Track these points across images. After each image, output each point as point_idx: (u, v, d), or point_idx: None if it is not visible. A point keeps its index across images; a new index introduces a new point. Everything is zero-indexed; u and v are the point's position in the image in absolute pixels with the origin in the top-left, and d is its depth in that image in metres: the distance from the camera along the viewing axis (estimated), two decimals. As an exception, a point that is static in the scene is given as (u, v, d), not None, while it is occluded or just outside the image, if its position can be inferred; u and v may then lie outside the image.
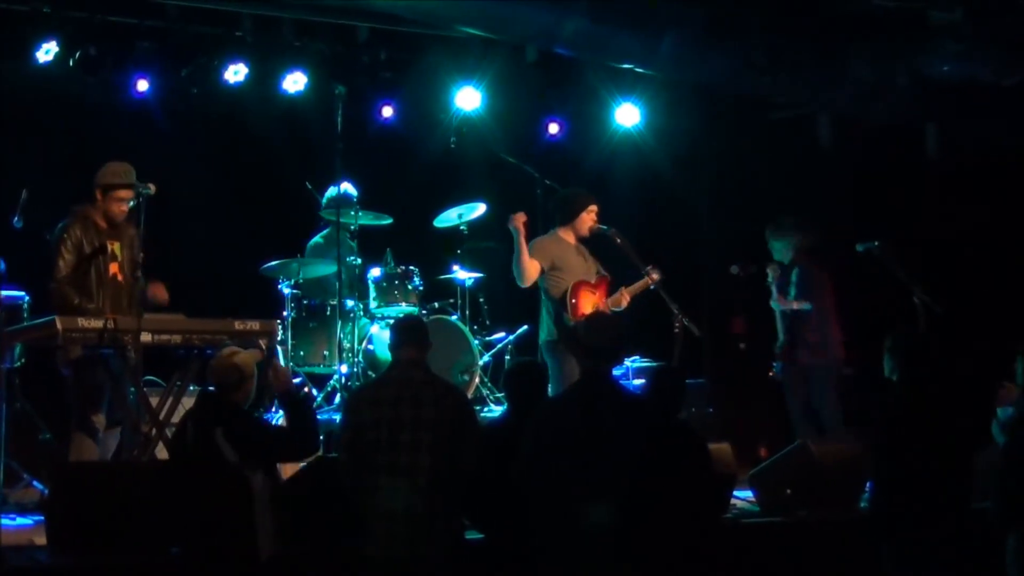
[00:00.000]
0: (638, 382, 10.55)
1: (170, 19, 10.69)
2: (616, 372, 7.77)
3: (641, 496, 6.28)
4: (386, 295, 10.60)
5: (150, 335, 7.98)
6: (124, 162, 8.50)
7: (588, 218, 9.71)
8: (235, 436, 6.66)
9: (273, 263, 10.33)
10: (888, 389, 7.24)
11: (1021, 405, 7.17)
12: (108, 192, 8.41)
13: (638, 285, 9.78)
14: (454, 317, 10.89)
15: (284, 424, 7.33)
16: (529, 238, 9.65)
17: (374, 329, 10.57)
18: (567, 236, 9.75)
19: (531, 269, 9.52)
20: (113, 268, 8.40)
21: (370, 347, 10.53)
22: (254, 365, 7.01)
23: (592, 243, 9.86)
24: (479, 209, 11.12)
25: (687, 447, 7.10)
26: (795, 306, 10.36)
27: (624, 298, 9.74)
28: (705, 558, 6.96)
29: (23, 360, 9.15)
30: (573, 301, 9.48)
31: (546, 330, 9.62)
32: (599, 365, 6.51)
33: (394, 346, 7.00)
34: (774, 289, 10.47)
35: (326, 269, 10.60)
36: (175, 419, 8.03)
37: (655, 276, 9.77)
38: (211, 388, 7.00)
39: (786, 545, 8.62)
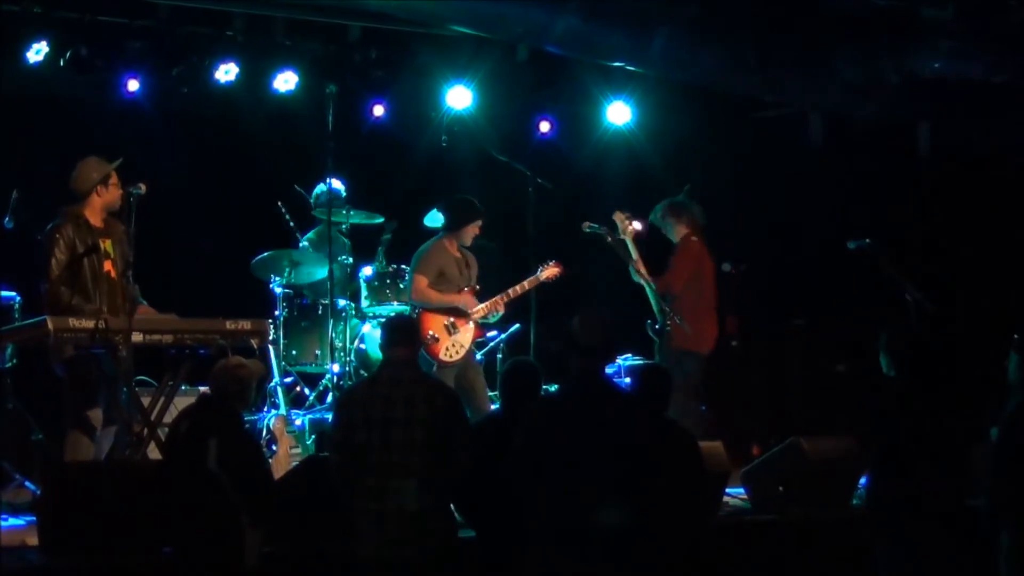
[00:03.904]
0: (628, 380, 10.54)
1: (160, 19, 10.67)
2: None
3: (635, 494, 6.28)
4: (378, 294, 10.60)
5: (141, 335, 7.98)
6: (90, 156, 8.52)
7: (473, 230, 9.95)
8: (226, 453, 6.68)
9: (264, 254, 10.34)
10: (884, 386, 7.24)
11: (1012, 402, 7.17)
12: (106, 184, 8.40)
13: (523, 284, 9.97)
14: (446, 316, 10.88)
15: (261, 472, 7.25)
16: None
17: (366, 328, 10.57)
18: (450, 244, 9.96)
19: (421, 286, 9.82)
20: (107, 266, 8.38)
21: (362, 346, 10.53)
22: (256, 377, 7.05)
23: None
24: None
25: (677, 445, 7.11)
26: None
27: (498, 304, 9.93)
28: (697, 556, 6.97)
29: (15, 360, 9.15)
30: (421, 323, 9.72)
31: None
32: (592, 363, 6.51)
33: (385, 345, 6.99)
34: None
35: (318, 272, 10.59)
36: (167, 419, 8.03)
37: (550, 272, 9.97)
38: (210, 392, 7.03)
39: (778, 543, 8.63)
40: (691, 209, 10.34)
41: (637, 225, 10.08)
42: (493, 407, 9.62)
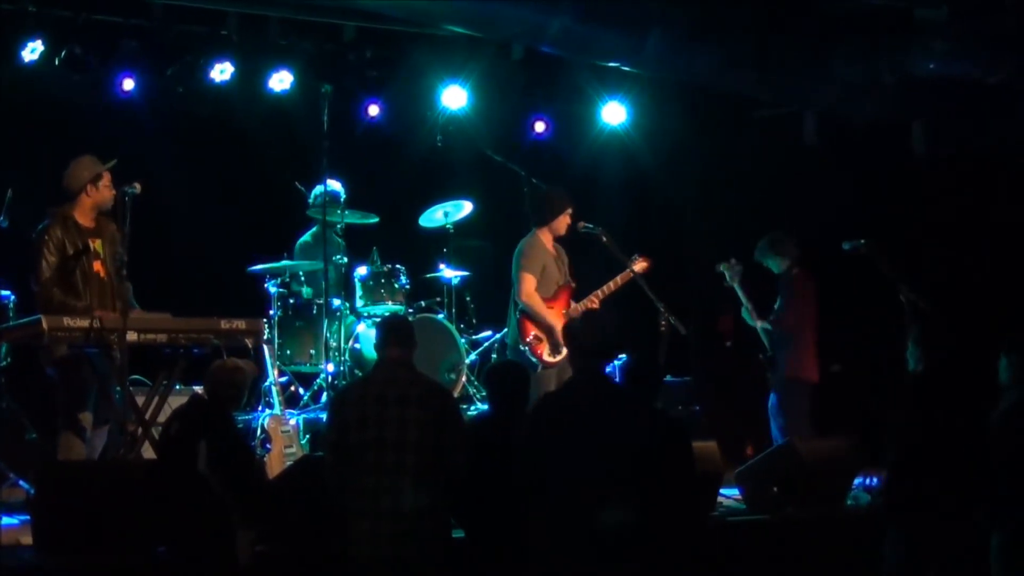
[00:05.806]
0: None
1: (155, 18, 10.66)
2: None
3: (635, 494, 6.28)
4: (372, 293, 10.60)
5: (136, 334, 7.98)
6: (84, 155, 8.51)
7: (565, 220, 9.71)
8: (216, 456, 6.69)
9: (260, 267, 10.33)
10: (904, 385, 7.20)
11: (1004, 404, 7.17)
12: (96, 183, 8.40)
13: (616, 281, 9.78)
14: (440, 315, 10.89)
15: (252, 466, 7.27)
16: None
17: (360, 328, 10.57)
18: (545, 238, 9.71)
19: (530, 288, 9.53)
20: (97, 266, 8.38)
21: (356, 346, 10.53)
22: (251, 379, 7.07)
23: (568, 242, 9.86)
24: (465, 208, 11.13)
25: (672, 444, 7.10)
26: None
27: (593, 302, 9.70)
28: (692, 556, 6.96)
29: (9, 360, 9.15)
30: (524, 324, 9.54)
31: (514, 333, 9.67)
32: (594, 363, 6.51)
33: (380, 345, 6.99)
34: None
35: (313, 268, 10.59)
36: (161, 418, 8.04)
37: (641, 266, 9.81)
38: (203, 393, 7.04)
39: (772, 543, 8.63)
40: (788, 242, 10.63)
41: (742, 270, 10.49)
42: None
